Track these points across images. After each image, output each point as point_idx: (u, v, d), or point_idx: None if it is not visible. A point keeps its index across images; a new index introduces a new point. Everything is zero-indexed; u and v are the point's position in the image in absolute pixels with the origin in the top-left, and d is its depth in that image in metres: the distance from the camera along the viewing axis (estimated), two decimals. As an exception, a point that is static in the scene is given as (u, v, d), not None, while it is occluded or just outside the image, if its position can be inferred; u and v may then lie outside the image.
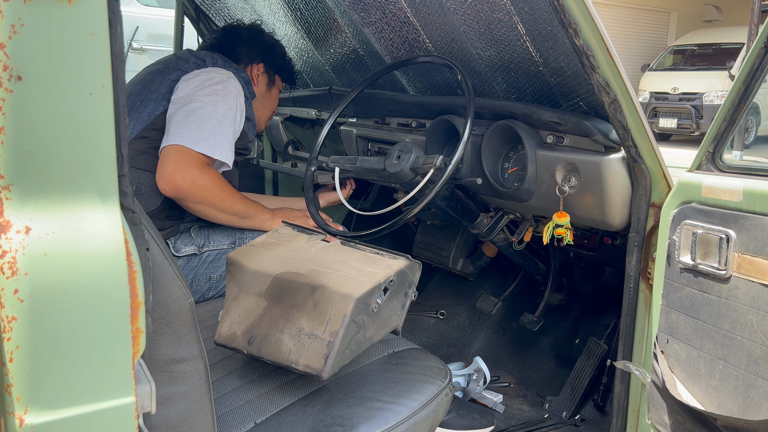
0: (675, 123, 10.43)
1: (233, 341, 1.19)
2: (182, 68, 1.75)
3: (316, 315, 1.11)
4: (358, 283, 1.11)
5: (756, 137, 9.48)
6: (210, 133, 1.61)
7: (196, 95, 1.65)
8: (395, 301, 1.19)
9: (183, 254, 1.71)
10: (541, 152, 1.51)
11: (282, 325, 1.13)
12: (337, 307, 1.09)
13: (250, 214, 1.76)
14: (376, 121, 2.08)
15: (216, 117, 1.63)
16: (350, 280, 1.12)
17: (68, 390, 0.64)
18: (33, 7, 0.60)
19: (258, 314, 1.17)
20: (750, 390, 1.12)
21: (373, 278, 1.12)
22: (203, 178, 1.59)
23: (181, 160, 1.57)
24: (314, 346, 1.09)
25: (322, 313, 1.10)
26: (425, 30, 1.70)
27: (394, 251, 1.22)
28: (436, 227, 2.40)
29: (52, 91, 0.62)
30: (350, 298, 1.08)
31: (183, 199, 1.60)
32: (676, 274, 1.26)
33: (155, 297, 0.80)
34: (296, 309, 1.13)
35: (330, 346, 1.08)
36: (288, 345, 1.12)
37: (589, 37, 1.18)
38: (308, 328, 1.11)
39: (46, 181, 0.64)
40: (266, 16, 2.24)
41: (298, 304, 1.13)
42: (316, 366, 1.08)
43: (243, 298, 1.20)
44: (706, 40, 11.53)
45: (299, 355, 1.10)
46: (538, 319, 2.16)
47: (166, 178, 1.57)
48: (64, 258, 0.63)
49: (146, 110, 1.69)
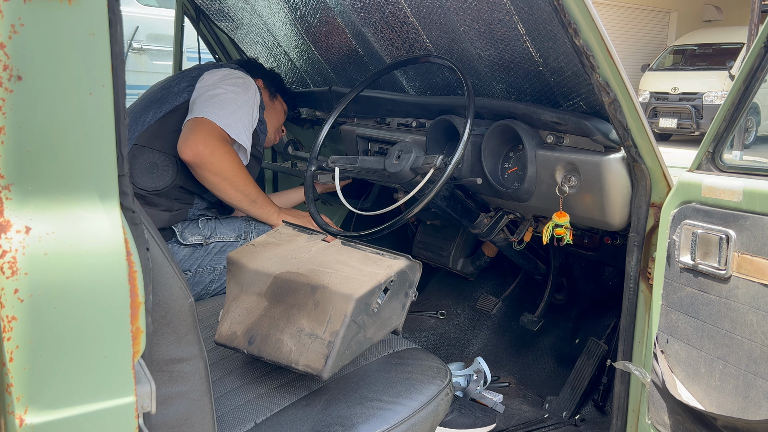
0: (675, 123, 10.43)
1: (233, 341, 1.19)
2: (203, 68, 1.89)
3: (316, 315, 1.11)
4: (359, 283, 1.11)
5: (756, 137, 9.48)
6: (231, 114, 1.72)
7: (219, 84, 1.78)
8: (395, 301, 1.19)
9: (189, 243, 1.77)
10: (541, 152, 1.51)
11: (282, 324, 1.13)
12: (337, 307, 1.09)
13: (260, 201, 1.82)
14: (376, 121, 2.08)
15: (237, 103, 1.75)
16: (351, 280, 1.12)
17: (68, 390, 0.64)
18: (33, 7, 0.60)
19: (258, 314, 1.17)
20: (750, 390, 1.12)
21: (374, 278, 1.12)
22: (223, 150, 1.68)
23: (205, 130, 1.67)
24: (314, 346, 1.09)
25: (322, 313, 1.10)
26: (425, 30, 1.69)
27: (395, 251, 1.22)
28: (436, 227, 2.40)
29: (52, 91, 0.62)
30: (351, 298, 1.08)
31: (201, 165, 1.67)
32: (676, 274, 1.26)
33: (155, 297, 0.80)
34: (297, 309, 1.13)
35: (330, 346, 1.08)
36: (288, 345, 1.12)
37: (589, 37, 1.18)
38: (309, 328, 1.11)
39: (46, 181, 0.64)
40: (266, 16, 2.24)
41: (298, 304, 1.13)
42: (316, 366, 1.08)
43: (243, 298, 1.20)
44: (706, 40, 11.53)
45: (299, 355, 1.10)
46: (538, 319, 2.16)
47: (189, 144, 1.66)
48: (64, 258, 0.63)
49: (167, 102, 1.80)
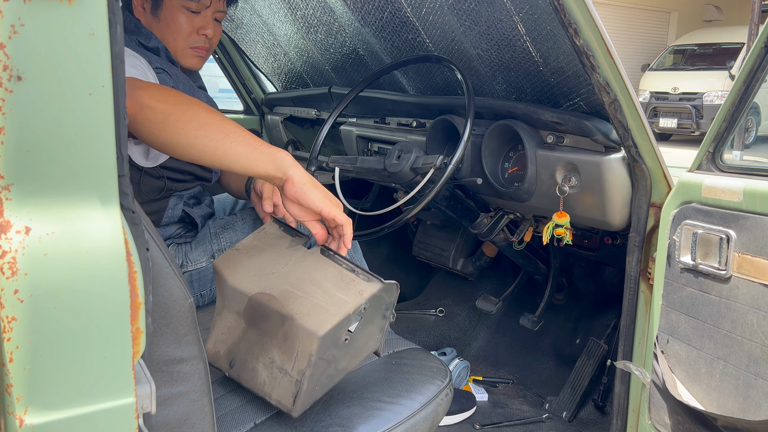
0: (675, 123, 10.44)
1: (217, 361, 1.16)
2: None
3: (285, 348, 1.06)
4: (326, 315, 1.04)
5: (756, 137, 9.50)
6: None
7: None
8: (371, 326, 1.12)
9: None
10: (541, 152, 1.51)
11: (257, 352, 1.10)
12: (303, 344, 1.03)
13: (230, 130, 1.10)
14: (376, 121, 2.08)
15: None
16: (318, 310, 1.05)
17: (68, 390, 0.64)
18: (33, 7, 0.60)
19: (238, 335, 1.14)
20: (750, 390, 1.12)
21: (342, 309, 1.04)
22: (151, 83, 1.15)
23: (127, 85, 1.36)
24: (284, 382, 1.06)
25: (290, 347, 1.05)
26: (425, 30, 1.69)
27: (369, 273, 1.11)
28: (436, 227, 2.40)
29: (52, 91, 0.62)
30: (314, 336, 1.01)
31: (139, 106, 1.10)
32: (676, 274, 1.26)
33: (155, 297, 0.80)
34: (269, 337, 1.09)
35: (298, 385, 1.04)
36: (262, 375, 1.09)
37: (589, 37, 1.18)
38: (279, 361, 1.07)
39: (46, 181, 0.63)
40: (266, 16, 2.24)
41: (270, 332, 1.09)
42: (286, 404, 1.06)
43: (225, 315, 1.18)
44: (706, 40, 11.54)
45: (272, 389, 1.08)
46: (538, 319, 2.16)
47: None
48: (64, 258, 0.63)
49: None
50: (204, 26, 1.64)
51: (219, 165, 1.10)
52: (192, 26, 1.63)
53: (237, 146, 1.09)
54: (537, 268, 2.15)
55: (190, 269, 1.61)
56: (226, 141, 1.09)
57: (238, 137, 1.09)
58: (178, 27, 1.62)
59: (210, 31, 1.65)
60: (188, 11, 1.61)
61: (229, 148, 1.09)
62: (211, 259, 1.63)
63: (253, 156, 1.09)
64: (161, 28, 1.62)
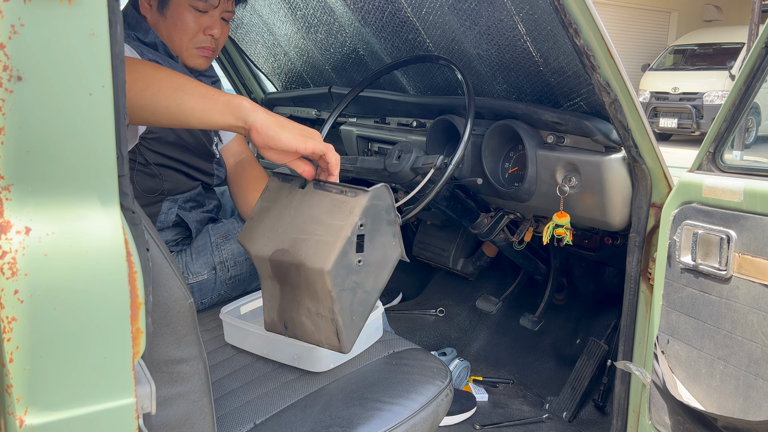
0: (675, 123, 10.44)
1: (275, 327, 1.16)
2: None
3: (311, 293, 1.06)
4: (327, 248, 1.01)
5: (756, 137, 9.50)
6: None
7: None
8: (381, 237, 1.07)
9: None
10: (541, 152, 1.51)
11: (296, 306, 1.11)
12: (319, 284, 1.03)
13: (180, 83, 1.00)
14: (376, 121, 2.08)
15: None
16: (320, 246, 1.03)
17: (68, 391, 0.64)
18: (33, 7, 0.60)
19: (278, 298, 1.15)
20: (751, 390, 1.12)
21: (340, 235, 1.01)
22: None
23: None
24: (324, 325, 1.06)
25: (313, 291, 1.05)
26: (425, 30, 1.69)
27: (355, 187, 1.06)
28: (436, 227, 2.40)
29: (52, 92, 0.62)
30: (323, 272, 1.00)
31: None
32: (676, 274, 1.26)
33: (155, 297, 0.80)
34: (297, 289, 1.09)
35: (335, 323, 1.04)
36: (308, 325, 1.09)
37: (589, 37, 1.18)
38: (314, 308, 1.07)
39: (46, 181, 0.63)
40: (266, 16, 2.24)
41: (296, 284, 1.09)
42: (334, 344, 1.06)
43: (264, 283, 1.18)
44: (706, 39, 11.54)
45: (320, 335, 1.08)
46: (538, 319, 2.16)
47: None
48: (64, 258, 0.63)
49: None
50: (211, 26, 1.62)
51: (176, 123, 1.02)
52: (199, 26, 1.61)
53: (190, 99, 0.99)
54: (537, 268, 2.15)
55: (191, 282, 1.58)
56: (176, 96, 0.99)
57: (189, 90, 1.00)
58: (184, 26, 1.59)
59: (217, 31, 1.64)
60: (195, 10, 1.59)
61: (182, 103, 0.99)
62: (213, 271, 1.60)
63: (208, 107, 1.00)
64: (167, 26, 1.60)
